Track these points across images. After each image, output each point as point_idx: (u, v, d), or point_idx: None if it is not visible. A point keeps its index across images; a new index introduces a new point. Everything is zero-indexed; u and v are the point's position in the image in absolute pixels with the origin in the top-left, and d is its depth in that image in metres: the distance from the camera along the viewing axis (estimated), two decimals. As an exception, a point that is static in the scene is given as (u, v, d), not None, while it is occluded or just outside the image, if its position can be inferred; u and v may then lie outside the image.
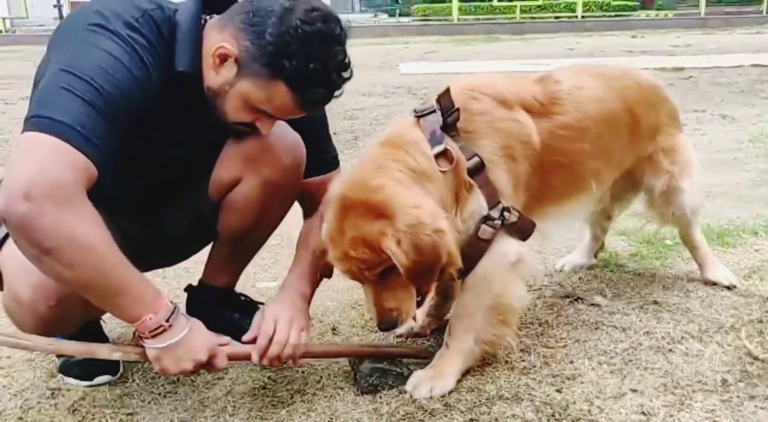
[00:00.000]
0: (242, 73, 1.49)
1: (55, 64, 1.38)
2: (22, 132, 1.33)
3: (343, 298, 2.24)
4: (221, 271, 1.95)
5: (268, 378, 1.77)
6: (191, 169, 1.74)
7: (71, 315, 1.57)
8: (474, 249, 1.66)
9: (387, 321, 1.58)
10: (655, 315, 2.04)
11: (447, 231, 1.52)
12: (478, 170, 1.64)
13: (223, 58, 1.49)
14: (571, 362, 1.80)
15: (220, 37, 1.50)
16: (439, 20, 20.95)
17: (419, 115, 1.68)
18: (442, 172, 1.60)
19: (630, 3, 23.94)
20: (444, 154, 1.61)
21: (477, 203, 1.66)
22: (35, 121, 1.31)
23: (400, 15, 25.32)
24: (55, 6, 18.47)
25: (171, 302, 1.47)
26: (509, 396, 1.65)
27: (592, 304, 2.14)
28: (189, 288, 2.02)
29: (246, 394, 1.70)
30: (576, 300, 2.17)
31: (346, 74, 1.53)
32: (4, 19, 19.40)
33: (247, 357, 1.65)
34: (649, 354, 1.83)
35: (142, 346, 1.48)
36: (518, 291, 1.74)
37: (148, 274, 1.61)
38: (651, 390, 1.65)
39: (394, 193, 1.52)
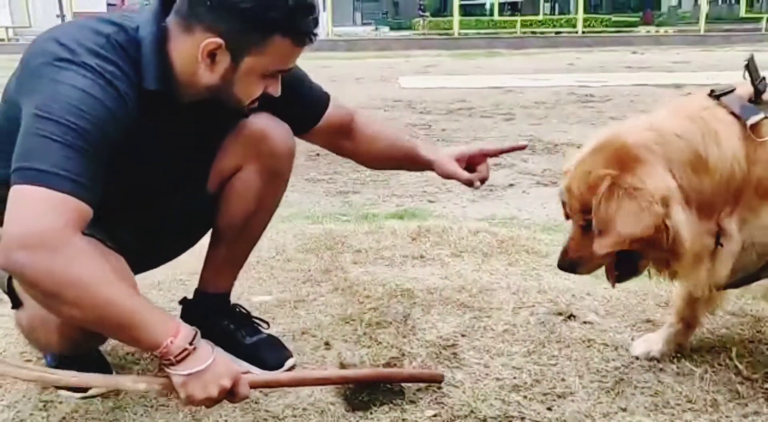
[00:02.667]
0: (237, 54, 1.50)
1: (28, 108, 1.40)
2: (12, 184, 1.36)
3: (337, 313, 2.25)
4: (218, 275, 1.97)
5: (260, 391, 1.77)
6: (178, 173, 1.77)
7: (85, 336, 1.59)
8: None
9: (564, 262, 1.62)
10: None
11: (678, 219, 1.45)
12: None
13: (213, 54, 1.49)
14: (563, 380, 1.81)
15: (193, 39, 1.49)
16: (440, 34, 21.05)
17: (719, 95, 1.57)
18: (759, 144, 1.49)
19: (630, 19, 24.04)
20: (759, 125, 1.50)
21: None
22: (21, 174, 1.35)
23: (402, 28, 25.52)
24: (58, 16, 18.57)
25: (191, 327, 1.47)
26: (500, 414, 1.65)
27: (585, 322, 2.15)
28: (184, 301, 2.03)
29: (237, 408, 1.71)
30: (569, 317, 2.18)
31: None
32: (7, 28, 19.50)
33: (269, 385, 1.68)
34: (640, 372, 1.84)
35: (167, 376, 1.46)
36: None
37: (146, 284, 1.63)
38: (641, 410, 1.66)
39: (651, 161, 1.46)
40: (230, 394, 1.49)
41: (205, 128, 1.73)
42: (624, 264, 1.62)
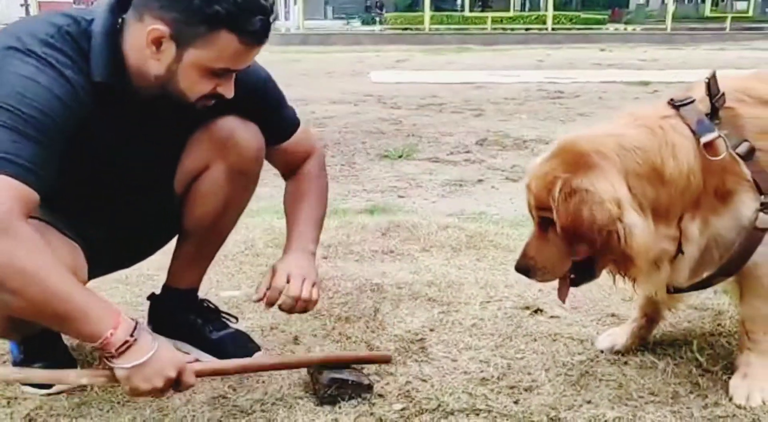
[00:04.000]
0: (182, 44, 1.48)
1: None
2: None
3: (307, 308, 2.25)
4: (186, 271, 1.96)
5: (228, 387, 1.77)
6: (143, 171, 1.74)
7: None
8: (749, 242, 1.59)
9: (521, 265, 1.65)
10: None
11: (629, 222, 1.48)
12: (749, 156, 1.56)
13: (158, 41, 1.48)
14: (529, 373, 1.83)
15: (143, 26, 1.48)
16: (411, 29, 21.06)
17: (678, 105, 1.61)
18: (710, 162, 1.54)
19: (599, 17, 24.30)
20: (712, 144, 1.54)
21: (748, 192, 1.58)
22: None
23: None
24: (22, 5, 18.22)
25: (131, 318, 1.45)
26: (467, 407, 1.67)
27: (551, 316, 2.18)
28: (152, 297, 2.02)
29: (205, 403, 1.70)
30: (536, 311, 2.21)
31: None
32: (-31, 17, 19.06)
33: (215, 373, 1.67)
34: (605, 366, 1.87)
35: (110, 369, 1.45)
36: None
37: (113, 278, 1.61)
38: (606, 402, 1.69)
39: (607, 165, 1.50)
40: (176, 383, 1.49)
41: (167, 127, 1.70)
42: (581, 269, 1.64)
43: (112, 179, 1.68)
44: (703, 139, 1.54)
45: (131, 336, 1.41)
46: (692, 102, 1.61)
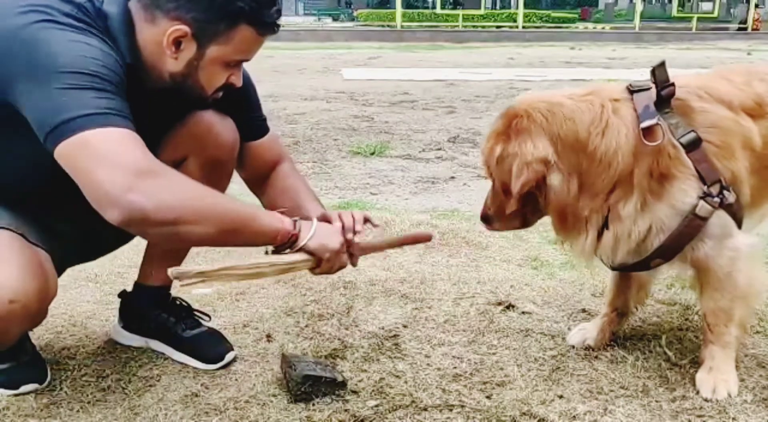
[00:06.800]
0: (204, 42, 1.51)
1: (28, 73, 1.35)
2: (54, 147, 1.31)
3: (279, 305, 2.24)
4: (158, 267, 1.92)
5: (201, 385, 1.76)
6: None
7: (10, 330, 1.57)
8: (687, 228, 1.64)
9: (482, 214, 1.80)
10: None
11: (552, 181, 1.61)
12: (694, 146, 1.62)
13: (178, 42, 1.50)
14: (502, 369, 1.85)
15: (158, 27, 1.49)
16: (383, 26, 21.06)
17: (633, 90, 1.67)
18: (646, 146, 1.60)
19: (569, 15, 24.52)
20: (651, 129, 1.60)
21: (688, 180, 1.63)
22: (64, 129, 1.30)
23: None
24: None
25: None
26: (441, 403, 1.68)
27: (523, 312, 2.20)
28: (123, 294, 1.99)
29: (178, 401, 1.69)
30: (508, 307, 2.23)
31: None
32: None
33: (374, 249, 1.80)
34: (576, 361, 1.89)
35: (294, 252, 1.54)
36: (762, 276, 1.75)
37: (83, 277, 1.59)
38: (577, 396, 1.71)
39: (534, 128, 1.62)
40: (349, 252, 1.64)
41: (155, 118, 1.68)
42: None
43: None
44: (643, 125, 1.61)
45: (291, 218, 1.52)
46: (648, 89, 1.67)
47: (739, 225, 1.70)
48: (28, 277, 1.50)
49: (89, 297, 2.28)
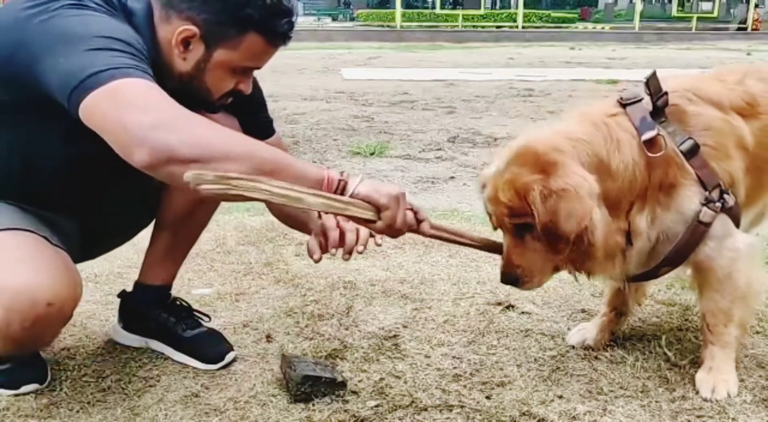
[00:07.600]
0: (212, 45, 1.52)
1: (55, 46, 1.35)
2: (80, 101, 1.29)
3: (279, 305, 2.24)
4: (159, 266, 1.94)
5: (201, 385, 1.76)
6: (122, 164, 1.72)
7: (46, 333, 1.59)
8: (692, 235, 1.64)
9: (508, 276, 1.63)
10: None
11: (595, 217, 1.51)
12: (693, 152, 1.61)
13: (187, 42, 1.51)
14: (501, 369, 1.85)
15: (171, 26, 1.51)
16: (383, 26, 21.07)
17: (625, 104, 1.65)
18: (652, 158, 1.58)
19: (569, 15, 24.52)
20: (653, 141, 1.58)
21: (692, 187, 1.62)
22: (92, 81, 1.29)
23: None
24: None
25: None
26: (440, 403, 1.68)
27: (523, 312, 2.20)
28: (123, 294, 1.99)
29: (178, 402, 1.69)
30: (508, 308, 2.23)
31: None
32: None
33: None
34: (576, 361, 1.89)
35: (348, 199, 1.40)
36: (761, 276, 1.75)
37: (82, 276, 1.59)
38: (577, 396, 1.71)
39: (568, 159, 1.53)
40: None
41: None
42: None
43: (90, 167, 1.64)
44: (644, 137, 1.60)
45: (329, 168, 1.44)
46: (639, 100, 1.66)
47: (737, 225, 1.71)
48: (62, 280, 1.52)
49: (89, 297, 2.27)
